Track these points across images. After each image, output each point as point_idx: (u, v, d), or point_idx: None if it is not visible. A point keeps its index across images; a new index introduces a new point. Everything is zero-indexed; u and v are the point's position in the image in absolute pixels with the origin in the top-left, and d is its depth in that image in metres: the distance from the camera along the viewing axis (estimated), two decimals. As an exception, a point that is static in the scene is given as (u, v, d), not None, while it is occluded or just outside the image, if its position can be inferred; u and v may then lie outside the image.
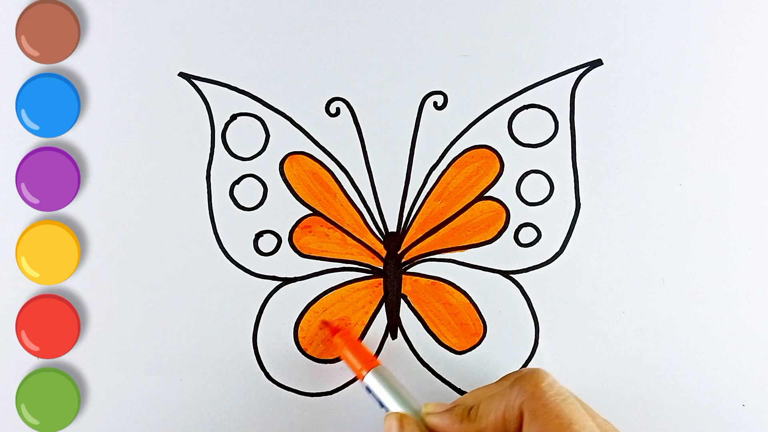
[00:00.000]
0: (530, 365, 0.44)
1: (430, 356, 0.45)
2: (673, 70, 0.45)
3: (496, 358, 0.45)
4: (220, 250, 0.45)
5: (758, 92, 0.45)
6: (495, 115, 0.45)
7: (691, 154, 0.45)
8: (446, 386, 0.45)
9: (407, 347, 0.45)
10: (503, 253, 0.45)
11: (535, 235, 0.45)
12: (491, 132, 0.45)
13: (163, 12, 0.45)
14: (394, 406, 0.41)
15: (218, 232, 0.45)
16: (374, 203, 0.45)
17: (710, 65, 0.45)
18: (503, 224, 0.45)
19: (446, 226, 0.45)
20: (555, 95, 0.45)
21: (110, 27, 0.45)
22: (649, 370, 0.44)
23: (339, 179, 0.45)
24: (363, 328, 0.45)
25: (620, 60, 0.45)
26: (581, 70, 0.45)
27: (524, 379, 0.37)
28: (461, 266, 0.45)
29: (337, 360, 0.45)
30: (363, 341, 0.45)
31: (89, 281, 0.45)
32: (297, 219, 0.45)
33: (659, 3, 0.45)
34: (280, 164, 0.45)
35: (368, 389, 0.42)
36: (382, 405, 0.42)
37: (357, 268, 0.45)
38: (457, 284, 0.45)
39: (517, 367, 0.44)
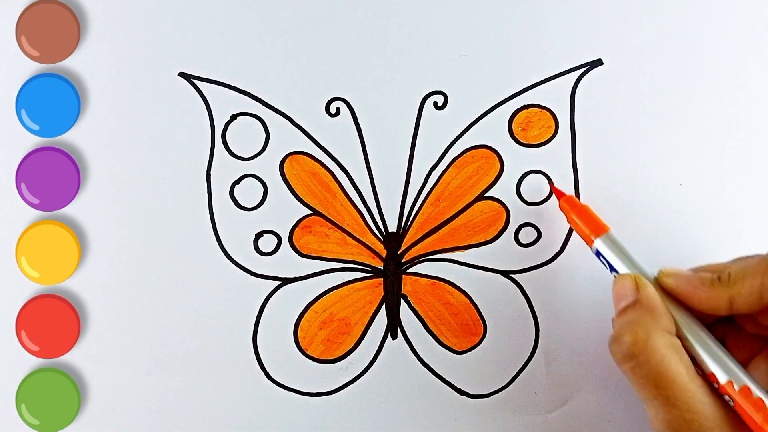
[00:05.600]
0: (530, 365, 0.44)
1: (430, 356, 0.45)
2: (673, 70, 0.45)
3: (496, 358, 0.45)
4: (220, 250, 0.45)
5: (758, 92, 0.45)
6: (495, 115, 0.45)
7: (691, 154, 0.45)
8: (446, 386, 0.45)
9: (407, 347, 0.45)
10: (503, 253, 0.45)
11: (535, 235, 0.45)
12: (491, 132, 0.45)
13: (163, 12, 0.45)
14: (625, 270, 0.40)
15: (218, 232, 0.45)
16: (374, 203, 0.45)
17: (710, 65, 0.45)
18: (503, 224, 0.45)
19: (446, 226, 0.45)
20: (555, 95, 0.45)
21: (110, 27, 0.45)
22: (649, 370, 0.44)
23: (339, 179, 0.45)
24: (363, 328, 0.45)
25: (620, 60, 0.45)
26: (581, 70, 0.45)
27: None
28: (461, 266, 0.45)
29: (337, 360, 0.45)
30: (363, 342, 0.45)
31: (89, 281, 0.45)
32: (297, 219, 0.45)
33: (659, 3, 0.45)
34: (280, 164, 0.45)
35: (598, 254, 0.41)
36: (612, 269, 0.41)
37: (357, 268, 0.45)
38: (458, 284, 0.45)
39: (517, 366, 0.44)
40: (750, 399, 0.36)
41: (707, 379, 0.37)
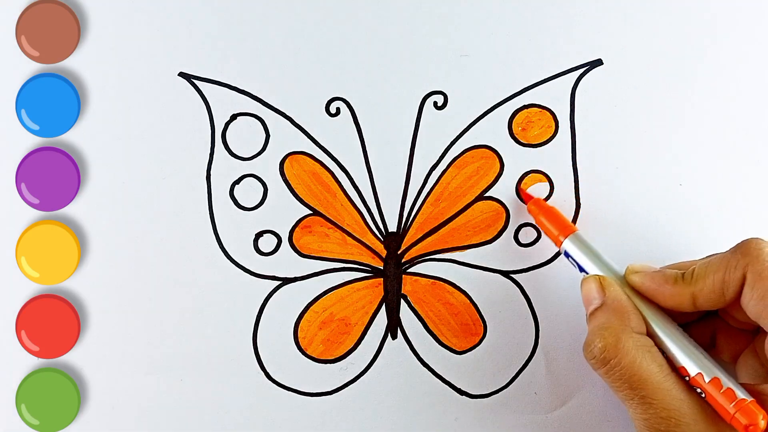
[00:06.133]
0: (530, 365, 0.44)
1: (430, 356, 0.45)
2: (674, 70, 0.45)
3: (496, 358, 0.45)
4: (220, 250, 0.45)
5: (758, 92, 0.45)
6: (495, 115, 0.45)
7: (691, 154, 0.45)
8: (446, 386, 0.45)
9: (407, 347, 0.45)
10: (503, 253, 0.45)
11: (535, 235, 0.45)
12: (491, 132, 0.45)
13: (163, 12, 0.45)
14: (593, 270, 0.41)
15: (218, 232, 0.45)
16: (374, 203, 0.45)
17: (710, 65, 0.45)
18: (503, 224, 0.45)
19: (446, 226, 0.45)
20: (555, 95, 0.45)
21: (110, 27, 0.45)
22: (649, 370, 0.44)
23: (339, 179, 0.45)
24: (363, 328, 0.45)
25: (620, 60, 0.45)
26: (581, 70, 0.45)
27: (748, 244, 0.37)
28: (461, 266, 0.45)
29: (337, 360, 0.45)
30: (363, 342, 0.45)
31: (89, 281, 0.45)
32: (297, 219, 0.45)
33: (659, 3, 0.45)
34: (280, 164, 0.45)
35: (566, 254, 0.42)
36: (581, 269, 0.41)
37: (357, 268, 0.45)
38: (458, 284, 0.45)
39: (517, 366, 0.44)
40: (720, 390, 0.36)
41: (681, 374, 0.37)
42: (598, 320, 0.39)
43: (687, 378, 0.37)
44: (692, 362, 0.37)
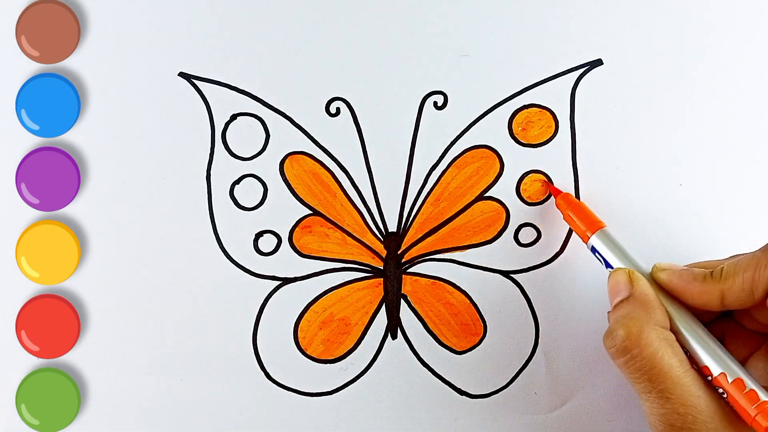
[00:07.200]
0: (530, 365, 0.44)
1: (430, 356, 0.45)
2: (674, 70, 0.45)
3: (496, 358, 0.45)
4: (220, 250, 0.45)
5: (758, 92, 0.45)
6: (495, 115, 0.45)
7: (691, 154, 0.45)
8: (446, 386, 0.45)
9: (407, 347, 0.45)
10: (503, 253, 0.45)
11: (535, 235, 0.45)
12: (491, 132, 0.45)
13: (163, 12, 0.45)
14: (619, 266, 0.40)
15: (218, 232, 0.45)
16: (374, 203, 0.45)
17: (710, 65, 0.45)
18: (503, 224, 0.45)
19: (446, 226, 0.45)
20: (555, 95, 0.45)
21: (110, 27, 0.45)
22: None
23: (339, 179, 0.45)
24: (363, 328, 0.45)
25: (620, 60, 0.45)
26: (581, 70, 0.45)
27: None
28: (461, 266, 0.45)
29: (337, 360, 0.45)
30: (363, 342, 0.45)
31: (89, 281, 0.45)
32: (297, 219, 0.45)
33: (659, 3, 0.45)
34: (280, 164, 0.45)
35: (593, 249, 0.42)
36: (607, 265, 0.41)
37: (357, 268, 0.45)
38: (458, 284, 0.45)
39: (517, 366, 0.44)
40: (743, 391, 0.36)
41: (701, 372, 0.37)
42: (623, 310, 0.38)
43: (710, 377, 0.37)
44: (715, 362, 0.37)
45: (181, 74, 0.45)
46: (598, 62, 0.45)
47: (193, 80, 0.45)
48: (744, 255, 0.38)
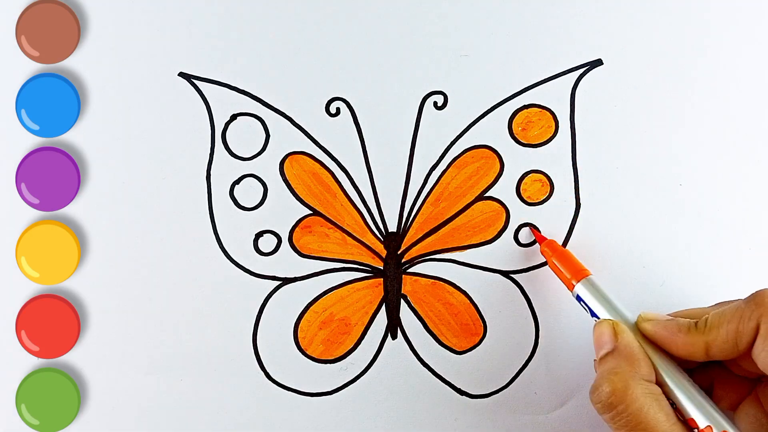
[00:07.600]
0: (530, 365, 0.44)
1: (430, 356, 0.45)
2: (674, 70, 0.45)
3: (496, 358, 0.45)
4: (220, 250, 0.45)
5: (758, 92, 0.45)
6: (495, 115, 0.45)
7: (691, 154, 0.45)
8: (446, 386, 0.45)
9: (407, 347, 0.45)
10: (503, 253, 0.45)
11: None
12: (491, 132, 0.45)
13: (163, 12, 0.45)
14: (605, 316, 0.40)
15: (218, 232, 0.45)
16: (374, 203, 0.45)
17: (710, 65, 0.45)
18: (503, 224, 0.45)
19: (446, 226, 0.45)
20: (555, 95, 0.45)
21: (110, 27, 0.45)
22: (649, 370, 0.44)
23: (339, 179, 0.45)
24: (363, 328, 0.45)
25: (620, 60, 0.45)
26: (581, 70, 0.45)
27: (761, 295, 0.37)
28: (461, 266, 0.45)
29: (337, 360, 0.45)
30: (362, 342, 0.45)
31: (89, 281, 0.45)
32: (297, 219, 0.45)
33: (659, 3, 0.45)
34: (280, 164, 0.45)
35: (578, 298, 0.41)
36: (593, 314, 0.41)
37: (357, 268, 0.45)
38: (457, 284, 0.45)
39: (517, 366, 0.44)
40: None
41: (688, 425, 0.37)
42: (608, 365, 0.38)
43: (695, 430, 0.37)
44: (702, 414, 0.37)
45: (181, 74, 0.45)
46: (598, 62, 0.45)
47: (193, 80, 0.45)
48: (729, 305, 0.38)
